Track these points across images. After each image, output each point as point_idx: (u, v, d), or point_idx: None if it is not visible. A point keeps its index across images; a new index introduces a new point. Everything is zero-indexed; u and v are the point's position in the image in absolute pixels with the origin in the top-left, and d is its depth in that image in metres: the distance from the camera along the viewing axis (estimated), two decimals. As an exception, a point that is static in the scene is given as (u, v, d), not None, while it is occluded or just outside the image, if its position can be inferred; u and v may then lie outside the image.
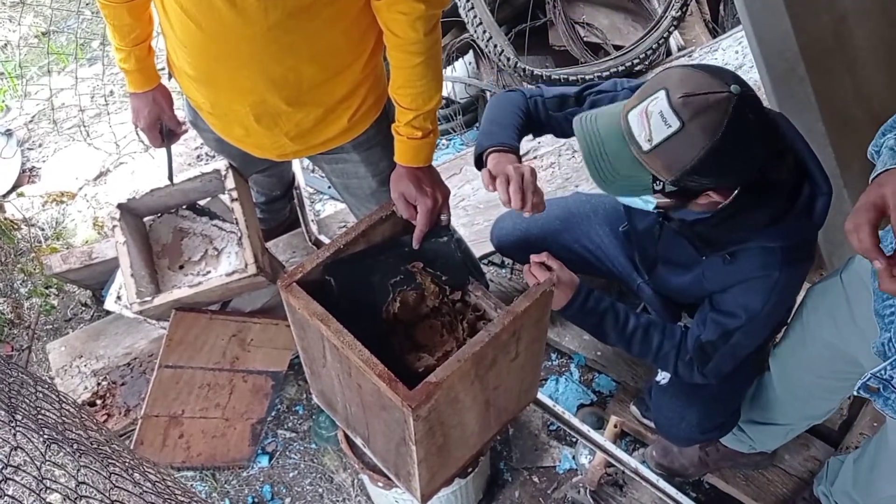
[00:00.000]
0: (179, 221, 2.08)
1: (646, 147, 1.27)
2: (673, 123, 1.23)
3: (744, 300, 1.46)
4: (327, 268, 1.43)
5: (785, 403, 1.75)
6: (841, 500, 1.79)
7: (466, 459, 1.64)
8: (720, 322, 1.53)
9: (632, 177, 1.32)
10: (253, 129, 1.61)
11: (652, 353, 1.63)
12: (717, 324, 1.53)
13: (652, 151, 1.26)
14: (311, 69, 1.49)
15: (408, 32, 1.39)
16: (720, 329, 1.53)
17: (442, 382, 1.23)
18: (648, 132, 1.26)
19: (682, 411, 1.80)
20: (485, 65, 2.88)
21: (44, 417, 1.32)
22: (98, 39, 3.55)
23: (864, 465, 1.67)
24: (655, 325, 1.63)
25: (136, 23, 1.61)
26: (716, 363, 1.57)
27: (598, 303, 1.60)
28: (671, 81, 1.25)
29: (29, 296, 2.69)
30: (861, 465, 1.69)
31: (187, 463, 2.19)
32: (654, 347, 1.62)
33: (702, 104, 1.22)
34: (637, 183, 1.32)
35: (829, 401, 1.70)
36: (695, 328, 1.59)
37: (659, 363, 1.66)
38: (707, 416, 1.79)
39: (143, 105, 1.74)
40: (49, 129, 3.25)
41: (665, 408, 1.85)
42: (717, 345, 1.54)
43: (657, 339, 1.62)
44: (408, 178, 1.51)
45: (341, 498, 2.22)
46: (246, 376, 2.14)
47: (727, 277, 1.49)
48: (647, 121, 1.26)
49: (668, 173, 1.27)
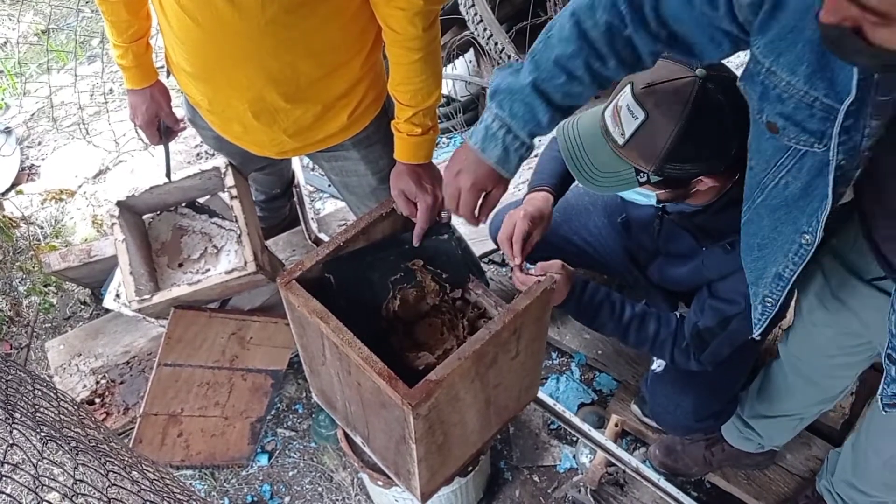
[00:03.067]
0: (179, 219, 2.07)
1: (620, 141, 1.31)
2: (638, 115, 1.27)
3: (744, 287, 1.47)
4: (327, 265, 1.42)
5: (797, 390, 1.73)
6: (842, 489, 1.78)
7: (467, 458, 1.63)
8: (719, 309, 1.54)
9: (615, 173, 1.35)
10: (251, 126, 1.60)
11: (648, 341, 1.65)
12: (716, 310, 1.55)
13: (626, 145, 1.30)
14: (310, 65, 1.48)
15: (406, 28, 1.38)
16: (718, 316, 1.54)
17: (442, 380, 1.23)
18: (621, 127, 1.30)
19: (676, 398, 1.81)
20: (485, 63, 2.87)
21: (42, 416, 1.32)
22: (98, 38, 3.54)
23: (860, 445, 1.67)
24: (651, 314, 1.65)
25: (133, 19, 1.60)
26: (712, 350, 1.59)
27: (594, 294, 1.62)
28: (638, 76, 1.28)
29: (28, 294, 2.69)
30: (857, 447, 1.68)
31: (186, 462, 2.18)
32: (651, 335, 1.64)
33: (664, 91, 1.25)
34: (622, 178, 1.35)
35: (843, 379, 1.67)
36: (692, 315, 1.61)
37: (655, 351, 1.68)
38: (702, 404, 1.80)
39: (140, 102, 1.74)
40: (48, 126, 3.25)
41: (660, 395, 1.87)
42: (714, 331, 1.56)
43: (653, 327, 1.64)
44: (408, 175, 1.51)
45: (341, 497, 2.22)
46: (245, 375, 2.14)
47: (727, 266, 1.49)
48: (618, 116, 1.30)
49: (646, 163, 1.30)
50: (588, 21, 1.09)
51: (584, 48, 1.11)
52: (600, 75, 1.15)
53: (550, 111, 1.15)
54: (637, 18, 1.09)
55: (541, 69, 1.11)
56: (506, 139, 1.15)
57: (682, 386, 1.80)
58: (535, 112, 1.14)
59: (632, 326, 1.64)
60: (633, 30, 1.10)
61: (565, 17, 1.14)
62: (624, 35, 1.11)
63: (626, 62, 1.16)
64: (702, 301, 1.59)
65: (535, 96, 1.13)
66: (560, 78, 1.12)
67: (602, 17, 1.09)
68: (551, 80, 1.12)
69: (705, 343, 1.59)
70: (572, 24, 1.11)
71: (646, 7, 1.09)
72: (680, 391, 1.81)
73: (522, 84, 1.12)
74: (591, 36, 1.11)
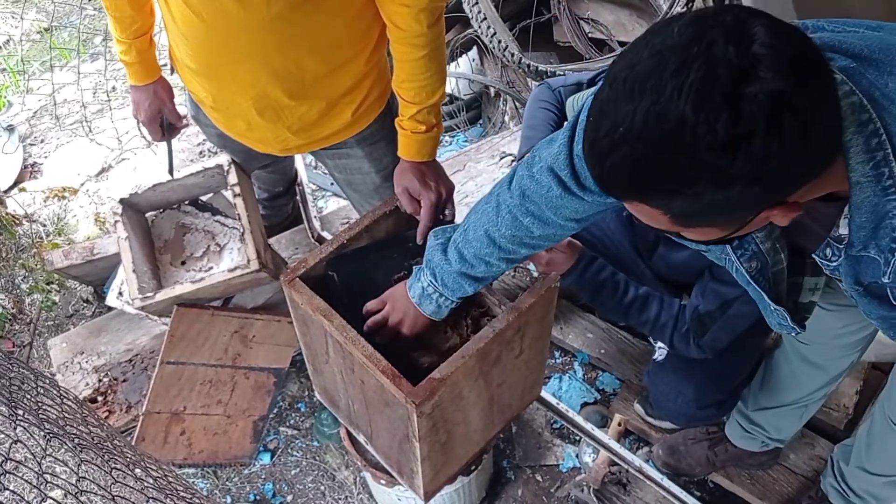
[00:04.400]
0: (182, 217, 2.07)
1: None
2: None
3: None
4: (330, 263, 1.42)
5: (803, 376, 1.71)
6: (855, 478, 1.75)
7: (470, 457, 1.63)
8: (719, 291, 1.55)
9: None
10: (255, 123, 1.60)
11: (649, 322, 1.66)
12: (717, 293, 1.56)
13: None
14: (314, 62, 1.47)
15: (411, 25, 1.38)
16: (719, 299, 1.55)
17: (446, 379, 1.22)
18: None
19: (678, 386, 1.82)
20: (489, 61, 2.87)
21: (45, 413, 1.31)
22: (100, 36, 3.54)
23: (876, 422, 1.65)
24: (655, 297, 1.67)
25: (137, 14, 1.60)
26: (713, 335, 1.60)
27: (599, 272, 1.64)
28: None
29: (30, 292, 2.69)
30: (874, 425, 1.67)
31: (189, 460, 2.18)
32: (652, 317, 1.66)
33: None
34: None
35: (848, 357, 1.66)
36: (693, 299, 1.62)
37: (655, 333, 1.70)
38: (704, 392, 1.80)
39: (143, 98, 1.74)
40: (51, 124, 3.25)
41: (662, 382, 1.87)
42: (715, 315, 1.57)
43: (655, 310, 1.65)
44: (412, 172, 1.50)
45: (343, 496, 2.21)
46: (248, 373, 2.13)
47: None
48: None
49: None
50: (495, 233, 1.26)
51: (496, 250, 1.27)
52: (517, 260, 1.33)
53: (475, 284, 1.34)
54: (543, 224, 1.21)
55: (464, 260, 1.30)
56: (439, 301, 1.35)
57: (684, 374, 1.81)
58: (462, 286, 1.33)
59: (633, 307, 1.66)
60: (542, 230, 1.22)
61: (478, 224, 1.28)
62: (534, 235, 1.24)
63: (541, 248, 1.33)
64: (703, 285, 1.60)
65: (462, 278, 1.32)
66: (480, 267, 1.30)
67: (506, 231, 1.25)
68: (473, 268, 1.31)
69: (705, 327, 1.60)
70: (483, 232, 1.27)
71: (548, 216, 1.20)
72: (682, 379, 1.81)
73: (450, 268, 1.32)
74: (500, 243, 1.27)
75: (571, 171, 1.11)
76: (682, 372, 1.81)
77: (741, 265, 1.12)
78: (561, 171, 1.12)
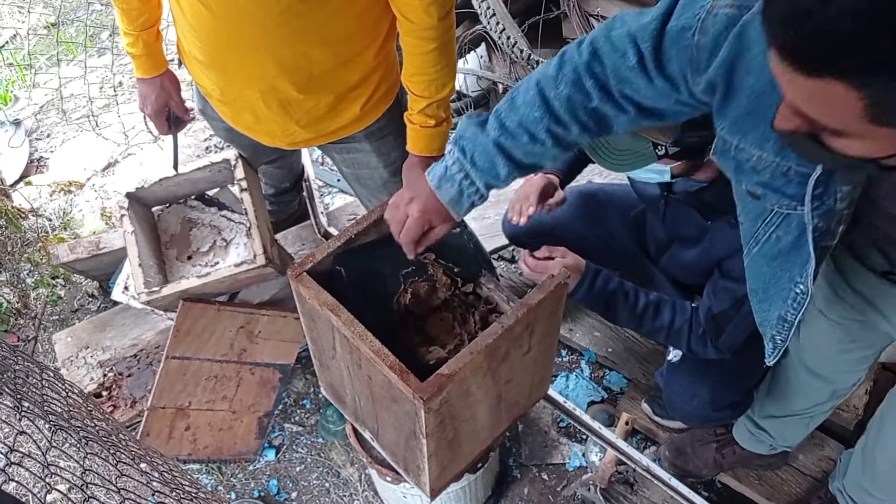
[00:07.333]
0: (188, 212, 2.06)
1: None
2: None
3: None
4: (338, 258, 1.40)
5: (809, 388, 1.70)
6: (855, 492, 1.75)
7: (476, 454, 1.62)
8: (731, 289, 1.53)
9: (633, 152, 1.39)
10: (263, 116, 1.59)
11: (664, 330, 1.63)
12: (728, 291, 1.54)
13: None
14: (323, 55, 1.46)
15: (421, 17, 1.37)
16: (731, 297, 1.53)
17: (454, 375, 1.21)
18: None
19: (693, 388, 1.80)
20: (497, 57, 2.85)
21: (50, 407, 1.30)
22: (108, 31, 3.54)
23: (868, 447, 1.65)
24: (666, 302, 1.64)
25: (144, 6, 1.59)
26: (729, 334, 1.57)
27: (607, 283, 1.61)
28: None
29: (36, 286, 2.68)
30: (867, 449, 1.66)
31: (193, 455, 2.17)
32: (666, 324, 1.63)
33: None
34: (640, 155, 1.39)
35: (855, 372, 1.65)
36: (706, 300, 1.60)
37: (672, 340, 1.66)
38: (720, 394, 1.78)
39: (150, 90, 1.73)
40: (57, 119, 3.24)
41: (677, 384, 1.85)
42: (729, 315, 1.55)
43: (668, 315, 1.62)
44: (420, 167, 1.49)
45: (348, 493, 2.20)
46: (253, 369, 2.12)
47: (735, 241, 1.49)
48: None
49: (664, 136, 1.34)
50: (551, 91, 1.12)
51: (546, 115, 1.13)
52: (563, 140, 1.16)
53: (510, 167, 1.16)
54: (604, 95, 1.11)
55: (505, 129, 1.14)
56: (462, 183, 1.17)
57: (699, 376, 1.79)
58: (495, 166, 1.15)
59: (647, 315, 1.63)
60: (601, 103, 1.11)
61: (531, 83, 1.15)
62: (589, 107, 1.12)
63: (591, 130, 1.17)
64: (714, 284, 1.58)
65: (498, 152, 1.15)
66: (523, 139, 1.14)
67: (564, 91, 1.11)
68: (514, 139, 1.14)
69: (721, 328, 1.57)
70: (536, 91, 1.13)
71: (611, 86, 1.10)
72: (697, 381, 1.79)
73: (486, 139, 1.15)
74: (554, 105, 1.12)
75: (655, 47, 1.02)
76: (698, 374, 1.79)
77: (811, 220, 1.01)
78: (643, 43, 1.03)
